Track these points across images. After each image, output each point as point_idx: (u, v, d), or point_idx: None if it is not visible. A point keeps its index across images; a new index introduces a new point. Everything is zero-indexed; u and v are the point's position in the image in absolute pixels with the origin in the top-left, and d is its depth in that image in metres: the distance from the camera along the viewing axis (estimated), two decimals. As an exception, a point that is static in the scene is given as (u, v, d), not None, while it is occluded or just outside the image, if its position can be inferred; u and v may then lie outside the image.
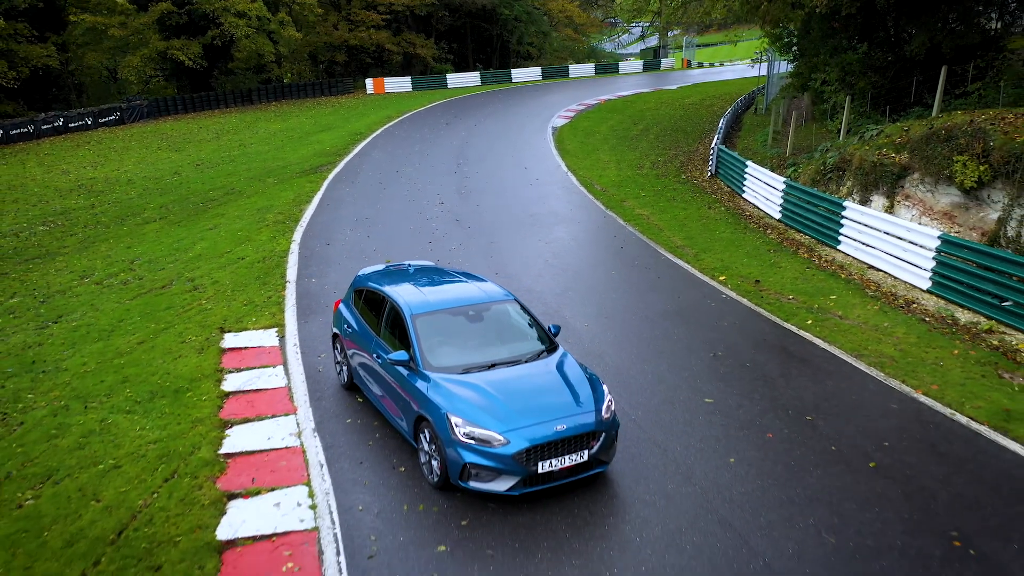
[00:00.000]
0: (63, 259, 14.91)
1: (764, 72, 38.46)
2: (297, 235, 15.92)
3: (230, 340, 10.30)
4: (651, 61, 66.06)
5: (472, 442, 6.32)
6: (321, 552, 5.93)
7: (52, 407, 8.41)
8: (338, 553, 5.92)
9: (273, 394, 8.69)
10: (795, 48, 22.72)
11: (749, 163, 19.67)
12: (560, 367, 7.16)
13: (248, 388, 8.82)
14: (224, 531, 6.15)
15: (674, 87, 48.21)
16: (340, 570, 5.72)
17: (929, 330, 10.59)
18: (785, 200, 17.00)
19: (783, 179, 17.28)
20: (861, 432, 7.74)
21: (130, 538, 6.04)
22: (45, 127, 34.86)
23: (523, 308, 7.98)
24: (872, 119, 18.44)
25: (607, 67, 61.83)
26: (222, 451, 7.39)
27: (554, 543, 6.01)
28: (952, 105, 17.16)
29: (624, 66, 63.68)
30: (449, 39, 61.53)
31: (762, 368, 9.37)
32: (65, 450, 7.45)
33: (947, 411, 8.16)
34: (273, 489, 6.78)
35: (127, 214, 18.65)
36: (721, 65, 67.93)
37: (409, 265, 9.18)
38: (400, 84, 52.43)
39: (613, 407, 6.93)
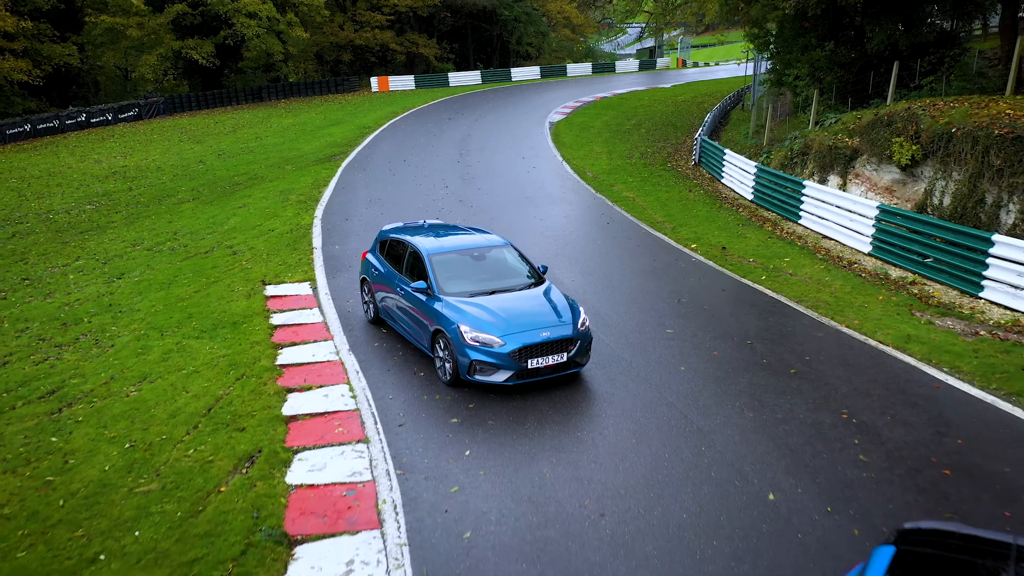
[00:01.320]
0: (113, 231, 16.83)
1: (751, 71, 40.35)
2: (318, 212, 17.83)
3: (271, 290, 12.20)
4: (647, 61, 67.94)
5: (478, 344, 8.21)
6: (363, 423, 7.82)
7: (135, 335, 10.32)
8: (375, 423, 7.81)
9: (313, 327, 10.59)
10: (772, 46, 24.60)
11: (727, 151, 21.58)
12: (546, 294, 9.07)
13: (292, 322, 10.72)
14: (287, 410, 8.05)
15: (668, 85, 50.00)
16: (378, 432, 7.62)
17: (863, 283, 12.50)
18: (756, 182, 18.90)
19: (755, 164, 19.19)
20: (789, 351, 9.64)
21: (217, 413, 7.94)
22: (69, 122, 36.82)
23: (518, 252, 9.89)
24: (837, 110, 20.32)
25: (604, 66, 63.70)
26: (277, 362, 9.29)
27: (539, 417, 7.91)
28: (908, 97, 19.02)
29: (620, 65, 65.56)
30: (451, 39, 63.46)
31: (717, 310, 11.26)
32: (153, 362, 9.36)
33: (862, 337, 10.05)
34: (321, 387, 8.67)
35: (163, 196, 20.59)
36: (717, 64, 69.73)
37: (424, 222, 11.09)
38: (404, 82, 54.33)
39: (588, 324, 8.83)
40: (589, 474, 6.82)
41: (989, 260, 11.00)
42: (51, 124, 35.95)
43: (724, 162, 21.57)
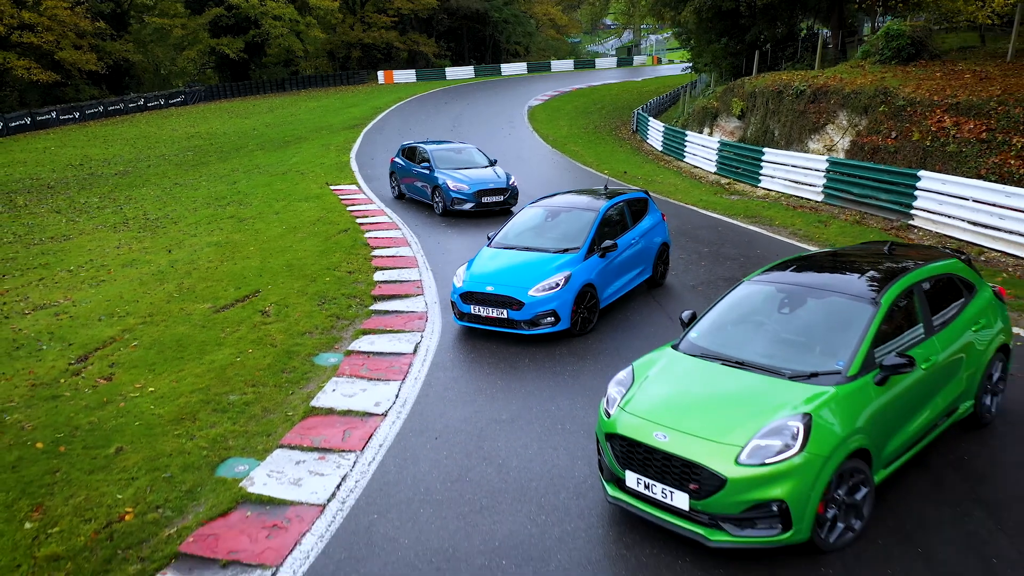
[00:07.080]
0: (213, 165, 24.43)
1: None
2: (352, 155, 25.43)
3: (333, 187, 19.80)
4: (625, 58, 75.61)
5: (457, 191, 15.78)
6: (397, 224, 15.39)
7: (263, 201, 17.92)
8: (403, 224, 15.38)
9: (362, 199, 18.18)
10: (691, 42, 32.19)
11: (651, 119, 29.23)
12: (494, 169, 16.69)
13: (349, 197, 18.32)
14: (358, 221, 15.63)
15: (639, 79, 57.62)
16: (405, 226, 15.18)
17: (700, 184, 20.11)
18: (664, 137, 26.53)
19: (664, 125, 26.82)
20: (632, 206, 17.21)
21: (323, 219, 15.53)
22: (131, 105, 44.41)
23: (482, 152, 17.51)
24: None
25: (585, 62, 71.32)
26: (348, 209, 16.87)
27: (486, 224, 15.44)
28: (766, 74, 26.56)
29: (600, 62, 73.19)
30: (448, 38, 71.18)
31: (603, 195, 18.79)
32: (279, 208, 16.96)
33: (680, 203, 17.60)
34: (374, 216, 16.24)
35: (236, 148, 28.19)
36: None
37: (428, 139, 18.72)
38: (406, 76, 61.93)
39: (515, 183, 16.43)
40: (507, 236, 14.37)
41: (762, 164, 18.60)
42: (118, 106, 43.58)
43: (649, 127, 29.21)
